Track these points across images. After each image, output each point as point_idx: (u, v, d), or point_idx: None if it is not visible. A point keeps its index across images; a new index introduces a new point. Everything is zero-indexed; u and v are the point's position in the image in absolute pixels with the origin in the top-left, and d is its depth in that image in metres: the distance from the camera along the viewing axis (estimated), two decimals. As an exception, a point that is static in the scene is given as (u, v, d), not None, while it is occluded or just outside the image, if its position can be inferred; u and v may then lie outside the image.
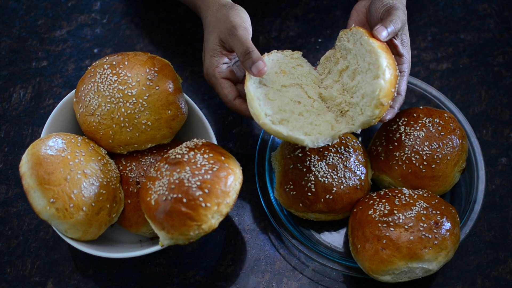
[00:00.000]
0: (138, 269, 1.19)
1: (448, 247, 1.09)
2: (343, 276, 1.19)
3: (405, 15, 1.16)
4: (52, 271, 1.18)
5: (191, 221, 1.03)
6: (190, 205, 1.03)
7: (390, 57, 1.09)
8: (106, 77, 1.15)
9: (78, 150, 1.11)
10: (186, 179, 1.04)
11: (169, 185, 1.05)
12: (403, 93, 1.15)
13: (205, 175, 1.05)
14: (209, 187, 1.04)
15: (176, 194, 1.03)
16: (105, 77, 1.15)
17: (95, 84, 1.15)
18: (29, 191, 1.06)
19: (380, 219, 1.11)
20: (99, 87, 1.15)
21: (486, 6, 1.47)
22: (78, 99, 1.17)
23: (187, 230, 1.03)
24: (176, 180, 1.05)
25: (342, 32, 1.16)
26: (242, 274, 1.19)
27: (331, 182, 1.16)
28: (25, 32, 1.42)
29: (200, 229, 1.04)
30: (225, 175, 1.06)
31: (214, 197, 1.03)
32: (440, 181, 1.18)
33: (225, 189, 1.05)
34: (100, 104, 1.14)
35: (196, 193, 1.03)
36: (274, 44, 1.42)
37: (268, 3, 1.47)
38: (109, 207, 1.11)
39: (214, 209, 1.04)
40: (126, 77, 1.14)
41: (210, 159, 1.07)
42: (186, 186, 1.04)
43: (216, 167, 1.06)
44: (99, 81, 1.15)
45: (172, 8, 1.45)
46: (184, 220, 1.03)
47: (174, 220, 1.03)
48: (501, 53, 1.42)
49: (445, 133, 1.19)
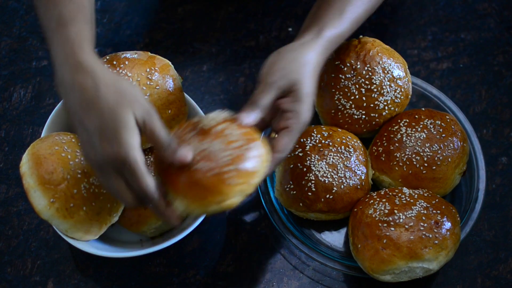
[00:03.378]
0: (138, 269, 1.19)
1: (448, 247, 1.09)
2: (343, 276, 1.19)
3: (291, 71, 1.03)
4: (52, 270, 1.18)
5: (212, 196, 0.96)
6: (216, 179, 0.96)
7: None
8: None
9: (78, 149, 1.11)
10: (216, 152, 0.97)
11: (198, 153, 0.97)
12: (282, 151, 1.01)
13: (235, 150, 0.97)
14: (238, 164, 0.97)
15: (203, 165, 0.96)
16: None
17: (96, 84, 1.15)
18: (29, 191, 1.06)
19: (381, 218, 1.11)
20: (99, 86, 1.14)
21: (487, 5, 1.47)
22: (78, 98, 1.16)
23: (206, 204, 0.97)
24: (205, 150, 0.98)
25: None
26: (243, 273, 1.19)
27: (331, 181, 1.16)
28: (25, 31, 1.42)
29: (219, 206, 0.97)
30: (256, 154, 0.98)
31: (241, 176, 0.97)
32: (441, 183, 1.18)
33: (253, 169, 0.98)
34: (101, 103, 1.13)
35: (224, 169, 0.96)
36: (274, 43, 1.42)
37: (268, 2, 1.47)
38: (110, 206, 1.11)
39: (239, 188, 0.97)
40: (126, 77, 1.14)
41: (243, 135, 1.00)
42: (214, 159, 0.97)
43: (247, 145, 0.98)
44: (100, 80, 1.15)
45: (172, 8, 1.45)
46: (205, 194, 0.97)
47: (196, 191, 0.96)
48: (501, 52, 1.42)
49: (447, 135, 1.19)
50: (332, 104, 1.23)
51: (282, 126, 1.02)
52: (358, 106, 1.22)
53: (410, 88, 1.24)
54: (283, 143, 1.01)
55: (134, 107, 0.92)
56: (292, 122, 1.01)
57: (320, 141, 1.19)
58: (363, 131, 1.24)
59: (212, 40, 1.42)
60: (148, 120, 0.93)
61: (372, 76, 1.21)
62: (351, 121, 1.23)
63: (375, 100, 1.21)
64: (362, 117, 1.22)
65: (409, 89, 1.24)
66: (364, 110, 1.22)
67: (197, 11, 1.45)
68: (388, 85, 1.21)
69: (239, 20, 1.45)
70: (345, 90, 1.22)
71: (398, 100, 1.23)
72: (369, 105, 1.22)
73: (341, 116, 1.23)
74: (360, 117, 1.22)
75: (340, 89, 1.22)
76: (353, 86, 1.21)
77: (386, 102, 1.22)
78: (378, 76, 1.21)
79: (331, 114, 1.24)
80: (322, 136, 1.19)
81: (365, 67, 1.21)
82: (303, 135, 1.19)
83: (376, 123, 1.23)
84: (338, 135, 1.20)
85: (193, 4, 1.46)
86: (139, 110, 0.92)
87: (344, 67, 1.22)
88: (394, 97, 1.22)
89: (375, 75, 1.21)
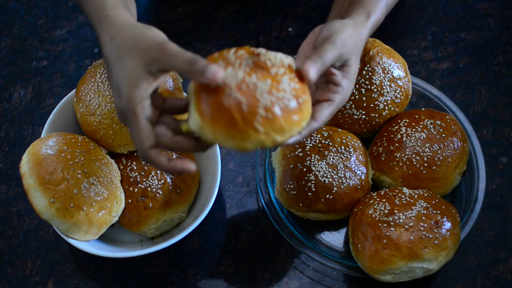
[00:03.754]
0: (138, 269, 1.19)
1: (448, 247, 1.09)
2: (343, 276, 1.19)
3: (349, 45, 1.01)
4: (52, 270, 1.19)
5: (235, 131, 0.90)
6: (246, 119, 0.90)
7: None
8: (106, 77, 1.15)
9: (79, 149, 1.11)
10: (258, 91, 0.91)
11: (240, 82, 0.91)
12: (319, 121, 1.00)
13: (278, 101, 0.92)
14: (273, 115, 0.91)
15: (241, 97, 0.90)
16: (105, 77, 1.15)
17: (96, 84, 1.15)
18: (30, 191, 1.06)
19: (381, 218, 1.11)
20: (99, 86, 1.14)
21: (487, 5, 1.47)
22: (78, 98, 1.17)
23: (224, 136, 0.91)
24: (251, 84, 0.91)
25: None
26: (243, 273, 1.19)
27: (331, 181, 1.16)
28: (25, 31, 1.42)
29: (235, 144, 0.92)
30: (295, 111, 0.93)
31: (269, 126, 0.91)
32: (441, 183, 1.18)
33: (285, 127, 0.92)
34: (101, 103, 1.14)
35: (257, 110, 0.90)
36: (275, 43, 1.42)
37: (268, 2, 1.47)
38: (110, 206, 1.11)
39: (262, 138, 0.91)
40: (127, 77, 1.14)
41: (293, 90, 0.93)
42: (255, 98, 0.91)
43: (292, 101, 0.92)
44: (100, 80, 1.15)
45: (172, 8, 1.45)
46: (229, 125, 0.90)
47: (221, 117, 0.90)
48: (501, 52, 1.42)
49: (447, 135, 1.19)
50: (332, 104, 1.23)
51: (327, 98, 1.01)
52: (358, 106, 1.22)
53: (410, 88, 1.24)
54: (324, 114, 1.00)
55: (141, 51, 0.92)
56: (337, 96, 1.01)
57: (320, 141, 1.19)
58: (363, 131, 1.24)
59: (212, 40, 1.42)
60: (161, 56, 0.91)
61: (372, 76, 1.21)
62: (351, 121, 1.23)
63: (375, 100, 1.21)
64: (362, 117, 1.22)
65: (409, 89, 1.24)
66: (364, 110, 1.22)
67: (197, 11, 1.45)
68: (388, 85, 1.21)
69: (239, 20, 1.45)
70: (345, 90, 1.22)
71: (398, 100, 1.23)
72: (369, 105, 1.22)
73: (341, 116, 1.23)
74: (360, 117, 1.22)
75: (340, 89, 1.22)
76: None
77: (386, 102, 1.22)
78: (378, 76, 1.21)
79: (331, 114, 1.24)
80: (322, 136, 1.20)
81: (365, 67, 1.21)
82: (303, 135, 1.20)
83: (376, 123, 1.24)
84: (338, 135, 1.20)
85: (193, 4, 1.46)
86: (149, 52, 0.92)
87: (344, 67, 1.22)
88: (394, 97, 1.22)
89: (375, 75, 1.21)
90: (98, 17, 1.00)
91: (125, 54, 0.93)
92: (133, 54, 0.93)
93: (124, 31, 0.95)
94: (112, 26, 0.97)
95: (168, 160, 0.95)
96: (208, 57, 0.95)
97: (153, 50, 0.92)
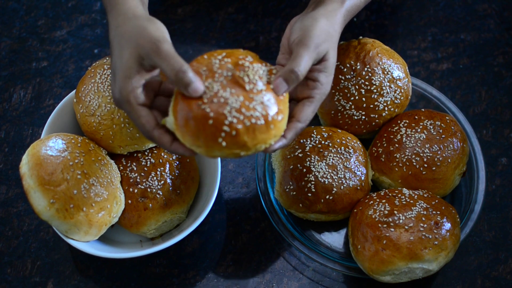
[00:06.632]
0: (138, 270, 1.19)
1: (448, 248, 1.09)
2: (343, 276, 1.19)
3: (323, 40, 1.00)
4: (52, 271, 1.19)
5: (200, 141, 0.93)
6: (211, 132, 0.93)
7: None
8: (106, 78, 1.15)
9: (78, 150, 1.11)
10: (229, 107, 0.93)
11: (214, 95, 0.94)
12: (303, 121, 1.00)
13: (245, 119, 0.93)
14: (237, 131, 0.93)
15: (210, 111, 0.93)
16: (105, 78, 1.15)
17: (96, 85, 1.15)
18: (29, 192, 1.06)
19: (380, 219, 1.11)
20: (99, 87, 1.15)
21: (486, 6, 1.47)
22: (78, 99, 1.17)
23: (192, 143, 0.94)
24: (222, 99, 0.94)
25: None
26: (242, 274, 1.19)
27: (331, 182, 1.16)
28: (25, 32, 1.42)
29: (202, 152, 0.95)
30: (262, 129, 0.94)
31: (233, 143, 0.93)
32: (440, 183, 1.18)
33: (249, 144, 0.94)
34: (101, 104, 1.14)
35: (224, 128, 0.92)
36: (274, 44, 1.42)
37: (268, 3, 1.47)
38: (110, 207, 1.11)
39: (225, 151, 0.94)
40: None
41: (264, 109, 0.95)
42: (222, 114, 0.93)
43: (259, 120, 0.94)
44: (99, 81, 1.15)
45: (172, 8, 1.45)
46: (196, 134, 0.93)
47: (190, 125, 0.94)
48: (501, 53, 1.42)
49: (446, 136, 1.19)
50: (332, 105, 1.23)
51: (306, 95, 1.01)
52: (358, 107, 1.22)
53: (410, 89, 1.24)
54: (306, 113, 1.00)
55: (137, 45, 0.95)
56: (316, 92, 1.01)
57: (320, 142, 1.19)
58: (363, 132, 1.24)
59: (212, 41, 1.42)
60: (153, 56, 0.94)
61: (372, 77, 1.21)
62: (351, 122, 1.23)
63: (375, 101, 1.21)
64: (362, 118, 1.22)
65: (409, 90, 1.24)
66: (364, 111, 1.22)
67: (197, 12, 1.46)
68: (388, 86, 1.21)
69: (239, 21, 1.45)
70: (345, 91, 1.22)
71: (398, 101, 1.23)
72: (369, 106, 1.22)
73: (341, 117, 1.23)
74: (360, 118, 1.23)
75: (340, 90, 1.22)
76: (353, 87, 1.21)
77: (386, 103, 1.22)
78: (378, 77, 1.21)
79: (331, 115, 1.24)
80: (322, 137, 1.20)
81: (365, 68, 1.21)
82: (303, 136, 1.20)
83: (376, 124, 1.24)
84: (338, 136, 1.20)
85: (193, 5, 1.46)
86: (143, 48, 0.94)
87: (344, 68, 1.22)
88: (394, 98, 1.22)
89: (375, 76, 1.21)
90: (110, 2, 1.02)
91: (124, 44, 0.96)
92: (130, 46, 0.96)
93: (128, 22, 0.98)
94: (119, 14, 1.00)
95: (171, 141, 0.97)
96: (197, 58, 0.98)
97: (147, 47, 0.94)
